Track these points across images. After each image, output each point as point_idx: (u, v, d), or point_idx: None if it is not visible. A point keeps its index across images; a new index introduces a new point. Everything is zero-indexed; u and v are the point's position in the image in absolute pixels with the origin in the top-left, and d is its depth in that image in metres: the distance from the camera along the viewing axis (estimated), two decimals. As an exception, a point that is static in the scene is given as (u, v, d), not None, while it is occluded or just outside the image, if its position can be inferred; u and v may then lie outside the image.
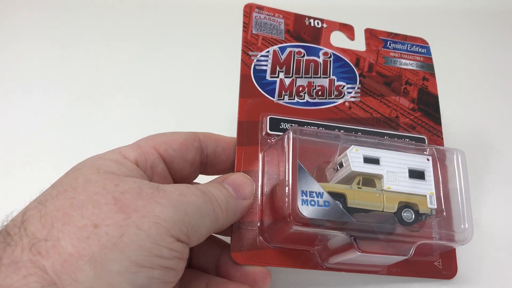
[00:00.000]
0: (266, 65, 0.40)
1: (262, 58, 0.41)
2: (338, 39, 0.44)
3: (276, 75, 0.40)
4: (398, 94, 0.43)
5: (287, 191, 0.31)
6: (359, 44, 0.45)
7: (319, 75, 0.41)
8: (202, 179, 0.36)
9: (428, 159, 0.35)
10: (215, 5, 0.62)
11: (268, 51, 0.41)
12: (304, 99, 0.40)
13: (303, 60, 0.42)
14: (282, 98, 0.40)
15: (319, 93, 0.41)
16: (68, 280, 0.22)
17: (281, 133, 0.37)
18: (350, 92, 0.42)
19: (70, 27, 0.58)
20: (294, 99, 0.40)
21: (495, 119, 0.55)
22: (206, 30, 0.60)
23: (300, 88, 0.40)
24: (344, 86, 0.42)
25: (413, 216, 0.33)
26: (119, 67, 0.54)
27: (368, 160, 0.33)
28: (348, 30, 0.45)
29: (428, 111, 0.43)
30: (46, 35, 0.57)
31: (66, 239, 0.23)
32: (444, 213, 0.34)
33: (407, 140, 0.40)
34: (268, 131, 0.37)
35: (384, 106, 0.42)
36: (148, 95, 0.52)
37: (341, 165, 0.34)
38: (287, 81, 0.40)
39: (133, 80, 0.53)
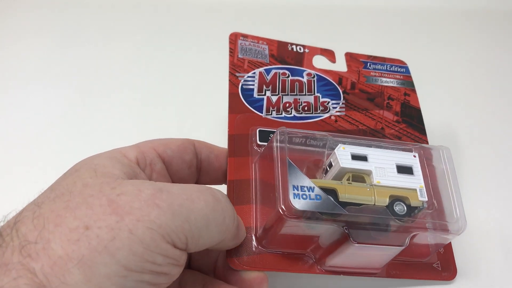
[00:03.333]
0: (253, 85, 0.42)
1: (249, 79, 0.43)
2: (320, 62, 0.47)
3: (263, 93, 0.42)
4: (381, 108, 0.44)
5: (278, 187, 0.31)
6: (340, 66, 0.47)
7: (304, 93, 0.43)
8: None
9: (414, 156, 0.36)
10: (214, 7, 0.64)
11: (254, 73, 0.43)
12: (291, 114, 0.42)
13: (288, 80, 0.44)
14: (270, 113, 0.41)
15: (305, 108, 0.42)
16: (57, 283, 0.22)
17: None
18: (335, 107, 0.43)
19: (70, 27, 0.59)
20: (281, 114, 0.41)
21: (484, 121, 0.56)
22: (206, 32, 0.62)
23: (287, 104, 0.42)
24: (329, 102, 0.43)
25: (405, 208, 0.33)
26: (118, 67, 0.55)
27: (356, 157, 0.34)
28: (329, 54, 0.47)
29: (412, 122, 0.44)
30: (46, 35, 0.58)
31: (56, 241, 0.23)
32: (436, 205, 0.34)
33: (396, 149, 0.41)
34: (258, 142, 0.38)
35: (369, 119, 0.43)
36: (147, 95, 0.53)
37: (330, 165, 0.35)
38: (274, 98, 0.42)
39: (133, 80, 0.54)
